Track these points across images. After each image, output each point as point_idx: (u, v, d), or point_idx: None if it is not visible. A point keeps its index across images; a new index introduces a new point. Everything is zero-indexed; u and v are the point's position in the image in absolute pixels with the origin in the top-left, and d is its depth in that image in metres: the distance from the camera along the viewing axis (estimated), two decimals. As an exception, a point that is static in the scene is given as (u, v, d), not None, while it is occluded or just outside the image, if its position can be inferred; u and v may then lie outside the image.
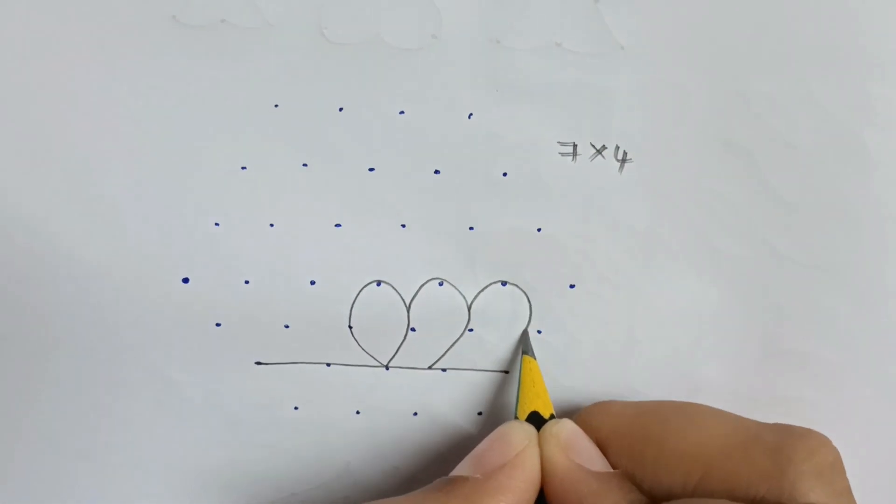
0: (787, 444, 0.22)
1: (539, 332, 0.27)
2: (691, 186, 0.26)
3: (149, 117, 0.25)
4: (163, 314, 0.26)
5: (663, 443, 0.23)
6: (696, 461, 0.23)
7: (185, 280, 0.26)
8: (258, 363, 0.27)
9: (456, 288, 0.27)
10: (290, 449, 0.28)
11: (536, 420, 0.25)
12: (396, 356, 0.27)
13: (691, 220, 0.26)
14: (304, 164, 0.25)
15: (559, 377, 0.27)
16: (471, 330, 0.27)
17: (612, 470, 0.24)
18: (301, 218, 0.26)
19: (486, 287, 0.27)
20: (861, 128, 0.25)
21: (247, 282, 0.26)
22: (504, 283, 0.27)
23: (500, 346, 0.27)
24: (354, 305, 0.26)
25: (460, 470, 0.23)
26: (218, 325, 0.26)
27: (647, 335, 0.27)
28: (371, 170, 0.25)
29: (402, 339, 0.27)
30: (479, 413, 0.28)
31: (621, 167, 0.26)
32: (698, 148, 0.26)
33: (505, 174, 0.26)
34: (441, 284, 0.27)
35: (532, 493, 0.23)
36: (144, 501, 0.28)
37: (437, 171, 0.26)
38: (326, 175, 0.25)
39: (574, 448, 0.24)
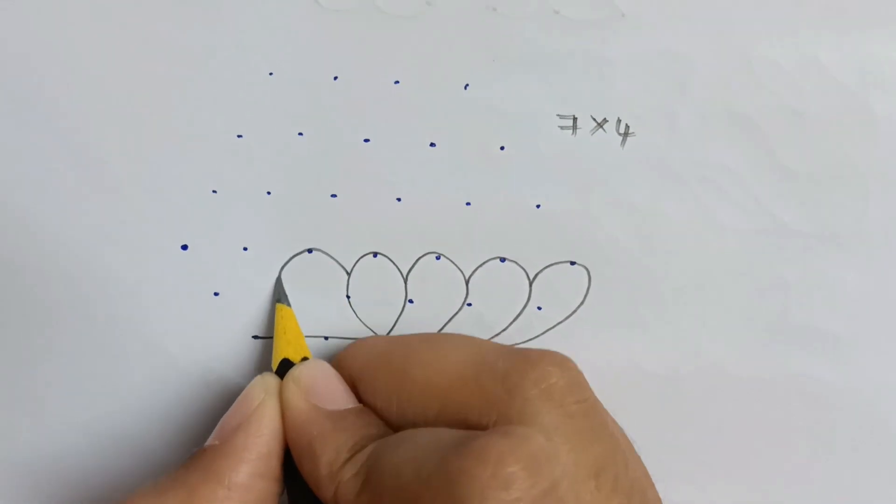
0: (517, 369, 0.21)
1: (539, 308, 0.27)
2: (695, 160, 0.25)
3: (144, 85, 0.25)
4: (162, 282, 0.26)
5: (406, 374, 0.23)
6: (434, 392, 0.22)
7: (184, 247, 0.26)
8: (255, 337, 0.27)
9: (453, 262, 0.26)
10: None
11: (287, 368, 0.24)
12: (395, 329, 0.27)
13: (695, 194, 0.25)
14: (300, 133, 0.25)
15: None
16: (469, 304, 0.27)
17: (353, 406, 0.23)
18: (297, 187, 0.26)
19: (485, 263, 0.26)
20: (868, 94, 0.24)
21: (245, 248, 0.26)
22: (503, 260, 0.26)
23: (499, 322, 0.27)
24: (352, 274, 0.26)
25: (209, 440, 0.23)
26: (216, 294, 0.26)
27: (651, 313, 0.26)
28: (366, 140, 0.25)
29: (401, 311, 0.27)
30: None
31: (623, 141, 0.25)
32: (702, 119, 0.25)
33: (503, 148, 0.25)
34: (438, 258, 0.26)
35: (275, 447, 0.22)
36: (140, 475, 0.28)
37: (432, 144, 0.25)
38: (321, 144, 0.25)
39: (314, 390, 0.23)
